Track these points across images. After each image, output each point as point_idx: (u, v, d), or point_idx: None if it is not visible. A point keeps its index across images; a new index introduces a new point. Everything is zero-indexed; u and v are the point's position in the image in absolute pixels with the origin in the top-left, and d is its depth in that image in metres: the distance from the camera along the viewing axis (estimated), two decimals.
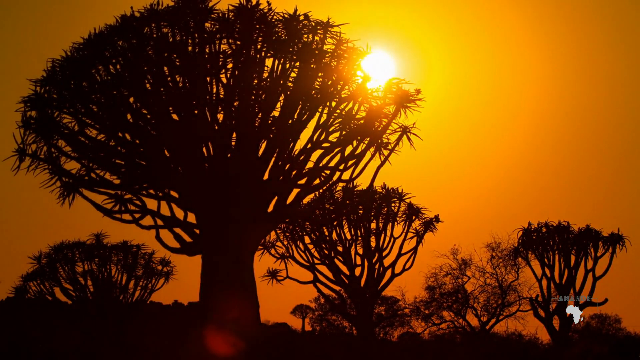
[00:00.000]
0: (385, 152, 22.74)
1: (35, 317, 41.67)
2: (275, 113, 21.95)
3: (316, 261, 38.43)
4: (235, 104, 21.83)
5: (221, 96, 21.76)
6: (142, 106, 21.81)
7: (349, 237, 38.47)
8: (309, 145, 22.14)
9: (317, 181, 22.50)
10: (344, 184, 24.08)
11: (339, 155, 22.35)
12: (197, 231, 22.41)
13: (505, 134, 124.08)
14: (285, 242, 38.47)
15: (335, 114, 22.23)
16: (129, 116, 21.85)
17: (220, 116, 21.90)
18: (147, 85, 21.70)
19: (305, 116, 22.01)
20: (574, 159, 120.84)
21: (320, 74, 21.94)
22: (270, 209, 22.48)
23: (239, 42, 21.58)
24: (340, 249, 38.43)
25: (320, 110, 22.09)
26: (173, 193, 22.42)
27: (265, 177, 22.22)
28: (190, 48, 21.60)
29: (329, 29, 21.87)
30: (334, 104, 22.18)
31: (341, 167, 22.41)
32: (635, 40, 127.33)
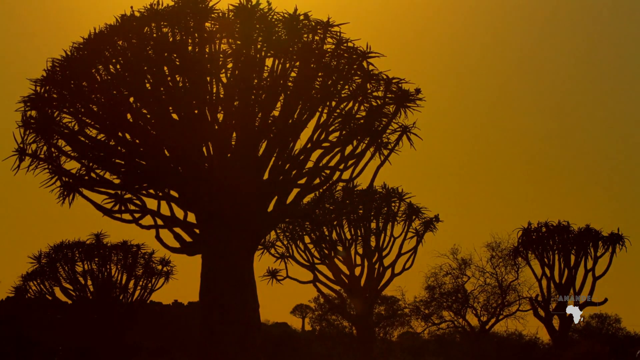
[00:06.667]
0: (385, 152, 22.73)
1: (35, 316, 41.67)
2: (275, 113, 21.94)
3: (316, 261, 38.47)
4: (235, 104, 21.82)
5: (221, 96, 21.76)
6: (142, 106, 21.81)
7: (349, 237, 38.52)
8: (309, 145, 22.13)
9: (317, 181, 22.49)
10: (344, 184, 24.08)
11: (339, 155, 22.34)
12: (197, 231, 22.40)
13: (505, 134, 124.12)
14: (285, 242, 38.52)
15: (335, 114, 22.22)
16: (129, 116, 21.84)
17: (220, 116, 21.89)
18: (147, 85, 21.69)
19: (305, 116, 22.00)
20: (574, 159, 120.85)
21: (320, 74, 21.93)
22: (270, 208, 22.47)
23: (239, 42, 21.58)
24: (340, 248, 38.44)
25: (320, 110, 22.08)
26: (173, 193, 22.41)
27: (265, 177, 22.22)
28: (190, 48, 21.59)
29: (329, 28, 21.85)
30: (334, 103, 22.17)
31: (341, 166, 22.40)
32: (636, 40, 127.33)
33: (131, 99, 21.81)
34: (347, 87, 22.24)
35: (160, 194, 22.45)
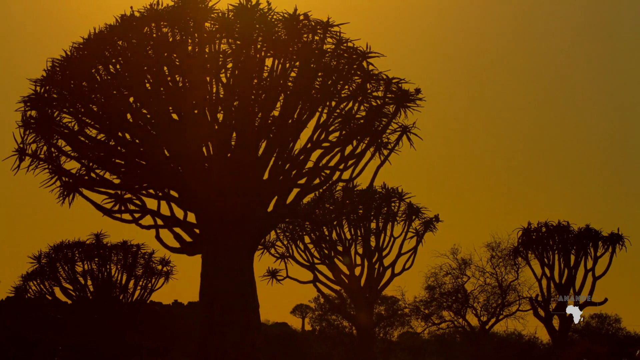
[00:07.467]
0: (385, 152, 22.74)
1: (35, 316, 41.68)
2: (275, 113, 21.93)
3: (316, 261, 38.48)
4: (235, 103, 21.82)
5: (221, 96, 21.75)
6: (142, 106, 21.80)
7: (349, 237, 38.53)
8: (309, 145, 22.12)
9: (317, 181, 22.49)
10: (344, 184, 24.08)
11: (338, 154, 22.33)
12: (197, 231, 22.40)
13: (505, 134, 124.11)
14: (285, 242, 38.53)
15: (335, 114, 22.21)
16: (129, 116, 21.84)
17: (220, 116, 21.88)
18: (147, 85, 21.68)
19: (305, 116, 21.99)
20: (574, 159, 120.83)
21: (320, 74, 21.93)
22: (270, 208, 22.47)
23: (239, 42, 21.57)
24: (340, 248, 38.46)
25: (320, 110, 22.07)
26: (173, 193, 22.41)
27: (265, 177, 22.21)
28: (190, 48, 21.58)
29: (329, 28, 21.84)
30: (333, 103, 22.16)
31: (341, 166, 22.40)
32: (637, 40, 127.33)
33: (131, 99, 21.80)
34: (347, 87, 22.22)
35: (160, 194, 22.44)
